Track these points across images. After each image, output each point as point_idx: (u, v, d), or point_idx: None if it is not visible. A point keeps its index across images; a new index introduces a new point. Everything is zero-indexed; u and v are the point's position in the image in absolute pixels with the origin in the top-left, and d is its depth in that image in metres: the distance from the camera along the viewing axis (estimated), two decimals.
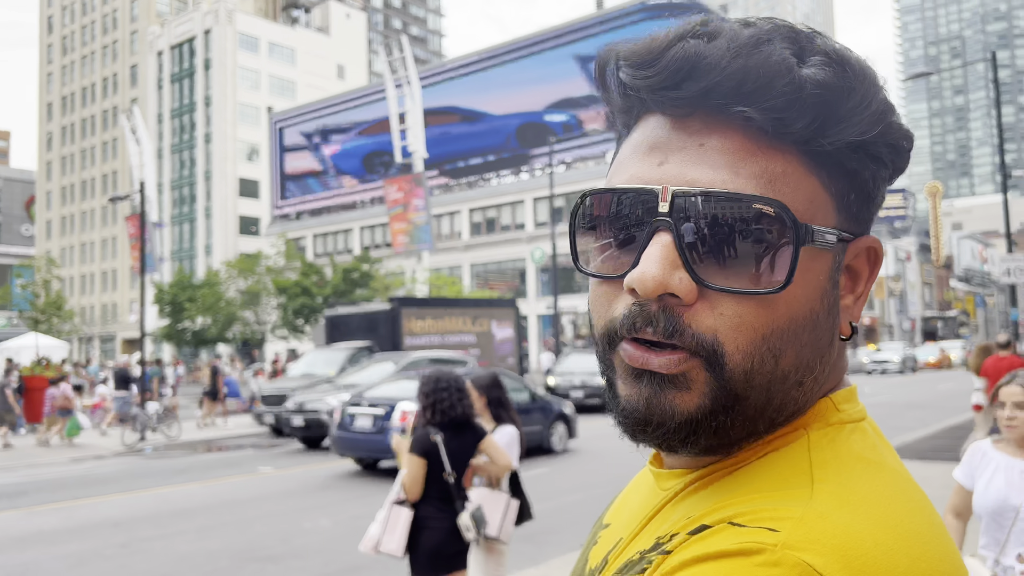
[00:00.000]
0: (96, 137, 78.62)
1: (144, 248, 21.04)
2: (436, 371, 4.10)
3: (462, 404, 3.94)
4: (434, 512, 3.85)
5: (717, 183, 0.57)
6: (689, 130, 0.59)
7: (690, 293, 0.57)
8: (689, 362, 0.58)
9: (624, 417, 0.61)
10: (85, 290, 76.79)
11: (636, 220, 0.59)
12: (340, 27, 79.24)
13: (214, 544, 7.78)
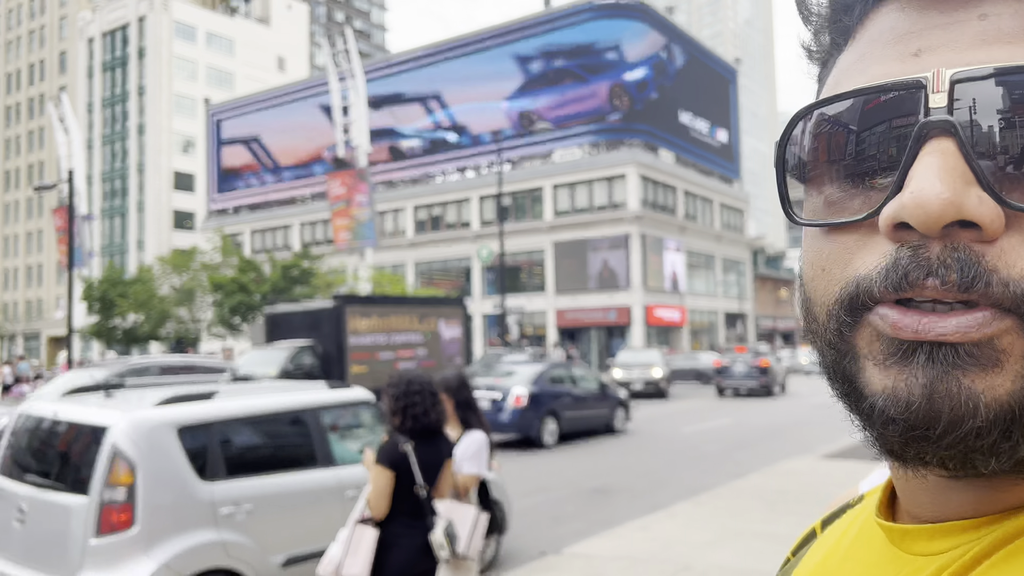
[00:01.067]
0: (21, 126, 75.12)
1: (72, 242, 19.95)
2: (406, 372, 3.75)
3: (435, 410, 3.61)
4: (402, 529, 3.50)
5: (1019, 59, 0.37)
6: (954, 3, 0.40)
7: (995, 220, 0.37)
8: (998, 324, 0.37)
9: (886, 423, 0.39)
10: (8, 286, 73.28)
11: (890, 132, 0.40)
12: (281, 18, 77.48)
13: None
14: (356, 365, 16.68)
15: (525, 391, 14.37)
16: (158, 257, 46.38)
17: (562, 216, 44.59)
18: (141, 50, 65.45)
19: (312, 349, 16.98)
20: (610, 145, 43.93)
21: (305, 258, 38.22)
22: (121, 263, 61.48)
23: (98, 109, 68.50)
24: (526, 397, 14.25)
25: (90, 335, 46.29)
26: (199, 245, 46.18)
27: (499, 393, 14.29)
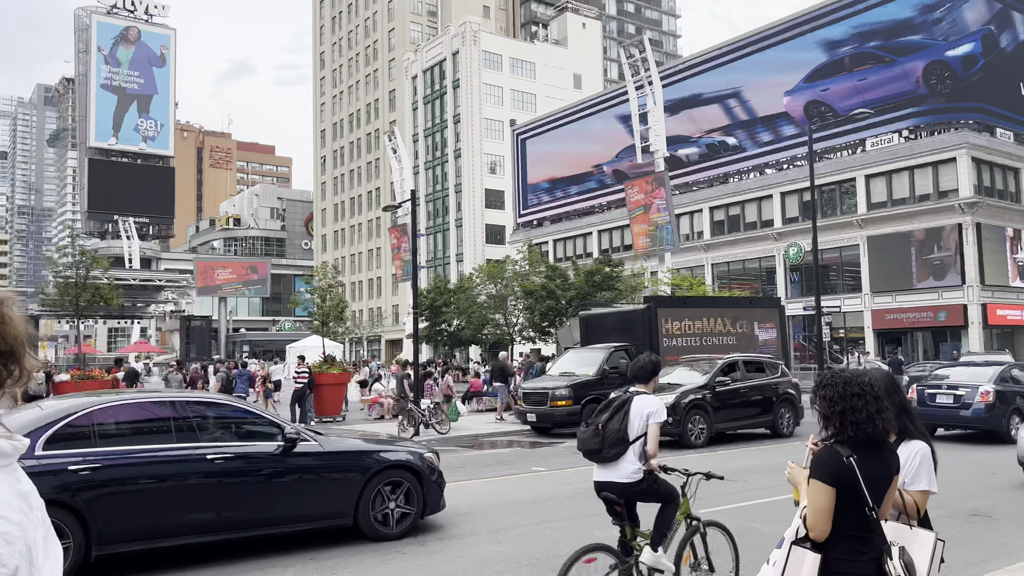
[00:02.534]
0: (362, 159, 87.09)
1: (415, 256, 22.82)
2: (842, 372, 3.19)
3: (880, 417, 3.05)
4: (848, 554, 2.99)
5: None
6: None
7: None
8: None
9: None
10: (355, 297, 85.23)
11: None
12: (576, 38, 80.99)
13: (508, 549, 7.65)
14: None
15: (991, 388, 15.01)
16: (475, 268, 50.92)
17: (877, 208, 41.09)
18: (455, 82, 72.50)
19: (626, 351, 17.66)
20: (932, 128, 39.57)
21: (607, 264, 39.55)
22: (443, 275, 68.52)
23: (422, 138, 77.14)
24: (992, 394, 14.89)
25: (421, 339, 52.19)
26: (510, 256, 49.82)
27: (964, 390, 15.29)
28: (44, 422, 6.37)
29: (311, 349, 44.64)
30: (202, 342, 63.40)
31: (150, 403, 7.46)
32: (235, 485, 6.96)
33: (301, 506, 7.28)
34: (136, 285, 77.38)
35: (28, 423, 6.31)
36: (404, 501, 7.86)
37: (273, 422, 7.70)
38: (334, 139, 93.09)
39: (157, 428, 6.97)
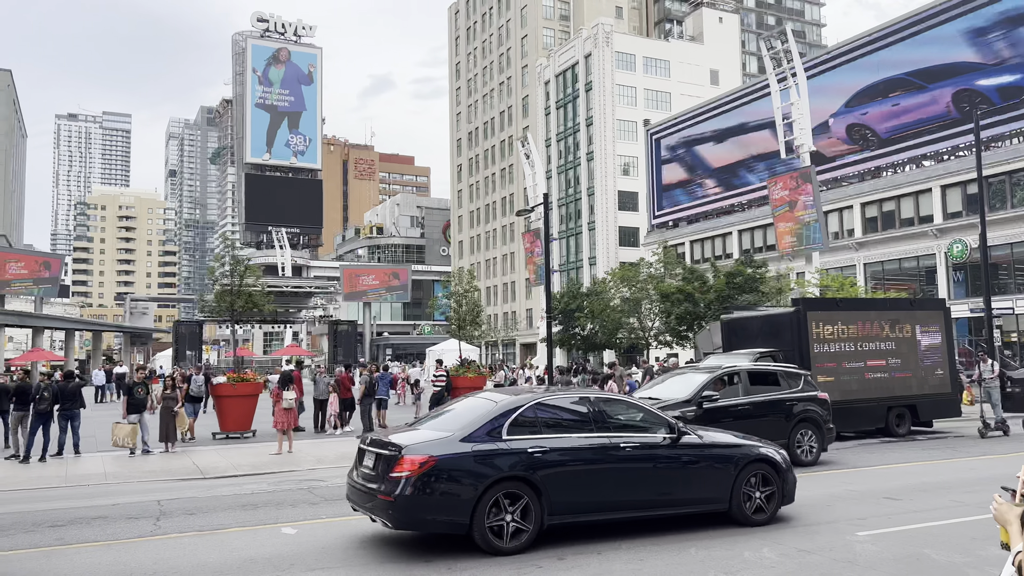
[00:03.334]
0: (496, 166, 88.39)
1: (548, 260, 22.68)
2: None
3: None
4: None
5: None
6: None
7: None
8: None
9: None
10: (490, 301, 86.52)
11: None
12: (713, 33, 78.64)
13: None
14: (821, 374, 15.86)
15: None
16: (608, 271, 50.28)
17: None
18: (588, 84, 72.14)
19: (773, 357, 16.65)
20: None
21: (748, 265, 37.94)
22: (577, 278, 68.21)
23: (554, 143, 77.29)
24: None
25: (555, 343, 52.13)
26: (644, 258, 48.82)
27: None
28: (501, 411, 7.99)
29: (449, 352, 45.62)
30: (348, 345, 66.15)
31: (573, 399, 8.80)
32: (641, 470, 8.23)
33: (689, 491, 8.49)
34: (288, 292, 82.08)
35: (488, 413, 7.97)
36: (767, 492, 8.83)
37: (661, 417, 8.89)
38: (469, 147, 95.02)
39: (579, 420, 8.38)
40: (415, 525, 7.56)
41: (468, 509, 7.28)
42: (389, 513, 7.39)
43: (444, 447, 7.49)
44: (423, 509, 7.29)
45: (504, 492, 7.41)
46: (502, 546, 7.41)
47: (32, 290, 61.01)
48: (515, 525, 7.49)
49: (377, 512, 7.58)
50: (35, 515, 10.24)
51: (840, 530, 8.51)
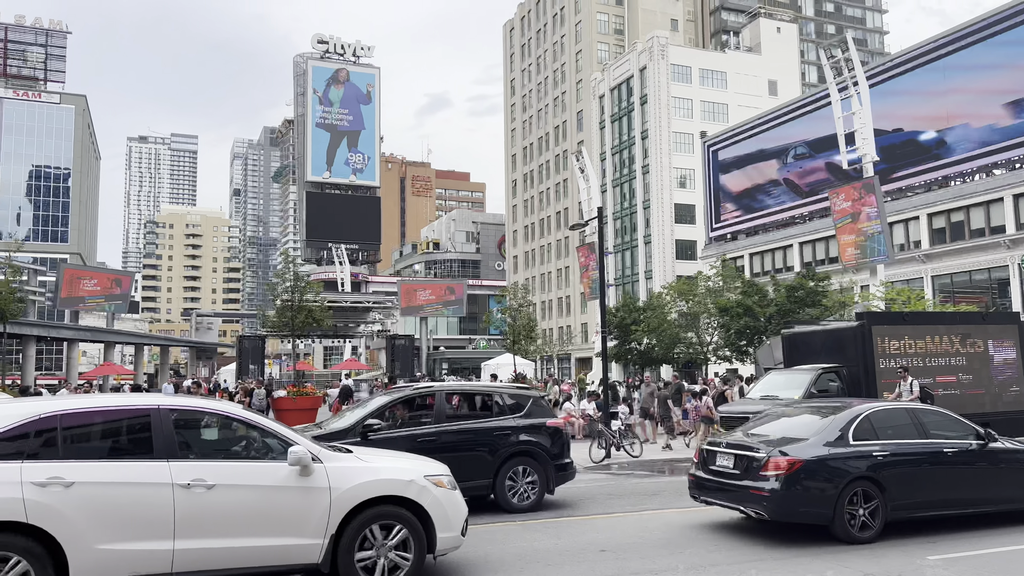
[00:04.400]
0: (551, 180, 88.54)
1: (603, 274, 22.54)
2: None
3: None
4: None
5: None
6: None
7: None
8: None
9: None
10: (545, 315, 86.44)
11: None
12: (771, 43, 77.54)
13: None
14: (888, 391, 15.34)
15: None
16: (665, 285, 49.72)
17: None
18: (643, 97, 71.79)
19: (837, 372, 16.18)
20: None
21: (810, 278, 37.06)
22: (632, 292, 67.63)
23: (609, 156, 77.04)
24: None
25: (610, 358, 51.67)
26: (702, 271, 48.14)
27: None
28: (848, 419, 9.14)
29: (504, 367, 45.65)
30: (405, 360, 66.85)
31: (895, 408, 9.85)
32: (961, 472, 9.21)
33: (998, 490, 9.41)
34: (347, 307, 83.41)
35: (835, 421, 9.13)
36: None
37: (969, 425, 9.81)
38: (524, 163, 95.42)
39: (904, 427, 9.34)
40: (788, 516, 8.70)
41: (831, 503, 8.53)
42: (763, 505, 8.65)
43: (807, 451, 8.75)
44: (794, 502, 8.55)
45: (858, 490, 8.64)
46: (858, 536, 8.61)
47: (104, 306, 63.39)
48: (864, 519, 8.68)
49: (747, 504, 8.88)
50: None
51: None
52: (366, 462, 7.02)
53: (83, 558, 5.80)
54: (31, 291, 68.87)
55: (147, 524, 5.99)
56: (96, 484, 5.94)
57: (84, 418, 6.32)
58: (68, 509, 5.79)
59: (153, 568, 6.01)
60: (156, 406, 6.51)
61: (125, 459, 6.24)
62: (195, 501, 6.14)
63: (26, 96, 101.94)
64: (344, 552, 6.49)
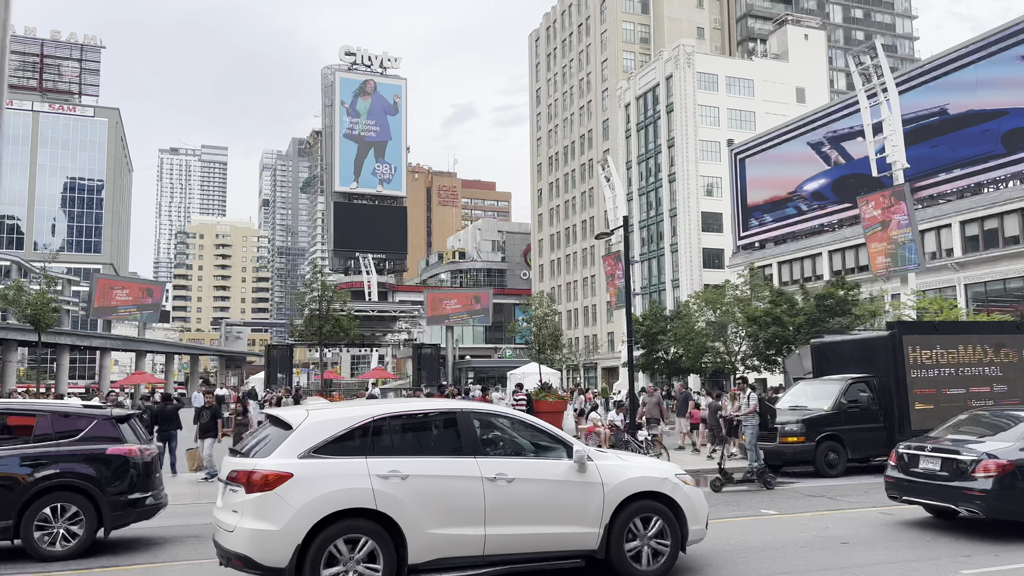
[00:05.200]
0: (576, 189, 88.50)
1: (629, 283, 22.46)
2: None
3: None
4: None
5: None
6: None
7: None
8: None
9: None
10: (571, 324, 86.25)
11: None
12: (798, 50, 76.95)
13: None
14: (920, 402, 15.09)
15: None
16: (692, 294, 49.35)
17: None
18: (669, 106, 71.59)
19: (867, 382, 15.94)
20: None
21: (840, 287, 36.63)
22: (659, 301, 67.26)
23: (635, 165, 76.84)
24: None
25: (637, 367, 51.37)
26: (729, 280, 47.73)
27: None
28: None
29: (529, 376, 45.52)
30: (432, 369, 67.07)
31: None
32: None
33: None
34: (374, 316, 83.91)
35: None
36: None
37: None
38: (550, 172, 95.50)
39: None
40: (1003, 514, 9.37)
41: None
42: (979, 504, 9.31)
43: (1013, 454, 9.43)
44: (1008, 501, 9.22)
45: None
46: None
47: (136, 316, 64.39)
48: None
49: (962, 503, 9.55)
50: (134, 530, 10.68)
51: None
52: (626, 461, 8.03)
53: (417, 540, 6.65)
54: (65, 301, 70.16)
55: (464, 512, 6.83)
56: (424, 477, 6.81)
57: (406, 420, 7.32)
58: (405, 498, 6.66)
59: (470, 550, 6.86)
60: (460, 409, 7.54)
61: (441, 456, 7.09)
62: (500, 492, 6.97)
63: (61, 110, 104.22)
64: (615, 540, 7.30)
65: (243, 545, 6.44)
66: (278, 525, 6.35)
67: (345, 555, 6.49)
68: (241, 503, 6.54)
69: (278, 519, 6.36)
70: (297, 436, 6.76)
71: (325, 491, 6.47)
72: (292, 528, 6.35)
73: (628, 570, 7.36)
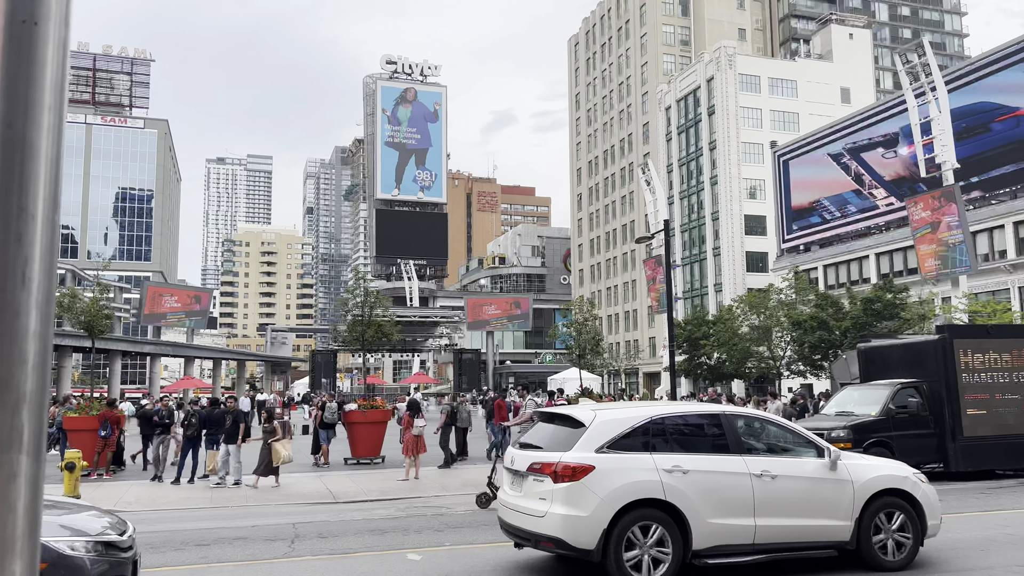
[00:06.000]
0: (616, 193, 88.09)
1: (670, 287, 22.31)
2: None
3: None
4: None
5: None
6: None
7: None
8: None
9: None
10: (611, 329, 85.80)
11: None
12: (843, 50, 75.60)
13: None
14: (972, 407, 14.70)
15: None
16: (735, 298, 48.76)
17: None
18: (711, 108, 70.89)
19: (917, 388, 15.58)
20: None
21: (888, 290, 35.88)
22: (701, 306, 66.55)
23: (676, 168, 76.22)
24: None
25: (679, 372, 50.91)
26: (773, 284, 47.05)
27: None
28: None
29: (570, 381, 45.44)
30: (472, 374, 67.34)
31: None
32: None
33: None
34: (415, 321, 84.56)
35: None
36: None
37: None
38: (589, 176, 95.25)
39: None
40: None
41: None
42: None
43: None
44: None
45: None
46: None
47: (184, 322, 65.85)
48: None
49: None
50: (183, 534, 10.95)
51: None
52: (870, 461, 8.75)
53: (700, 528, 7.36)
54: (117, 308, 72.07)
55: (737, 504, 7.52)
56: (702, 472, 7.54)
57: (679, 420, 8.17)
58: (688, 490, 7.39)
59: (742, 538, 7.57)
60: (723, 412, 8.42)
61: (711, 453, 7.84)
62: (765, 487, 7.66)
63: (113, 122, 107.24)
64: (864, 533, 7.92)
65: (556, 528, 7.22)
66: (586, 511, 7.15)
67: (641, 540, 7.24)
68: (550, 491, 7.33)
69: (586, 506, 7.16)
70: (591, 433, 7.60)
71: (623, 482, 7.27)
72: (599, 514, 7.14)
73: (876, 561, 8.02)
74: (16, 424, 0.99)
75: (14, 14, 1.02)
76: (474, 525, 11.37)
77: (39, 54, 1.03)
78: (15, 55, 1.01)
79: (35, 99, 1.02)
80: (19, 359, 0.99)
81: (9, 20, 1.01)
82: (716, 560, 7.52)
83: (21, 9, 1.02)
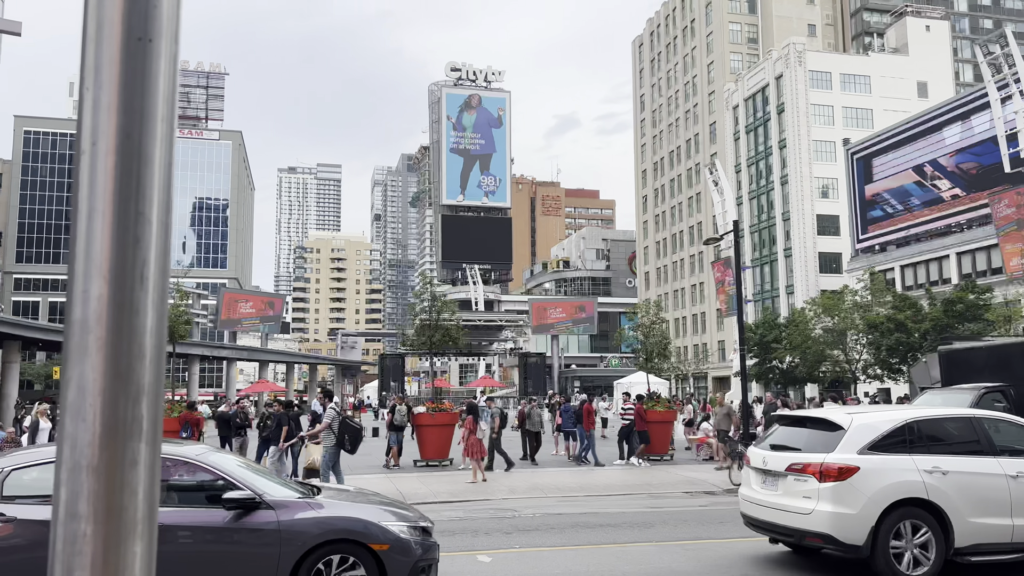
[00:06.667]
0: (682, 195, 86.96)
1: (740, 289, 21.88)
2: None
3: None
4: None
5: None
6: None
7: None
8: None
9: None
10: (679, 333, 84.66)
11: None
12: (919, 43, 72.96)
13: None
14: None
15: None
16: (808, 300, 47.52)
17: None
18: (780, 106, 69.35)
19: (1003, 392, 14.91)
20: None
21: (970, 291, 34.45)
22: (772, 308, 65.07)
23: (744, 168, 74.80)
24: None
25: (751, 376, 49.85)
26: (848, 285, 45.66)
27: None
28: None
29: (637, 385, 44.94)
30: (537, 377, 67.41)
31: None
32: None
33: None
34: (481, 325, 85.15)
35: None
36: None
37: None
38: (655, 178, 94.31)
39: None
40: None
41: None
42: None
43: None
44: None
45: None
46: None
47: (259, 327, 67.83)
48: None
49: None
50: None
51: None
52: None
53: (961, 527, 7.66)
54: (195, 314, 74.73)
55: (994, 504, 7.79)
56: (960, 473, 7.82)
57: (932, 423, 8.43)
58: (949, 491, 7.68)
59: (1000, 537, 7.82)
60: (973, 414, 8.77)
61: (967, 455, 8.08)
62: (1021, 488, 7.89)
63: (190, 134, 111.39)
64: None
65: (825, 525, 7.58)
66: (855, 509, 7.51)
67: (909, 536, 7.56)
68: (815, 490, 7.69)
69: (854, 504, 7.52)
70: (851, 436, 7.93)
71: (888, 482, 7.60)
72: (867, 512, 7.49)
73: None
74: (136, 414, 1.06)
75: (130, 32, 1.09)
76: (543, 528, 11.39)
77: (153, 69, 1.10)
78: (131, 70, 1.09)
79: (150, 111, 1.10)
80: (138, 354, 1.07)
81: (126, 38, 1.09)
82: (978, 558, 7.76)
83: (136, 28, 1.10)
